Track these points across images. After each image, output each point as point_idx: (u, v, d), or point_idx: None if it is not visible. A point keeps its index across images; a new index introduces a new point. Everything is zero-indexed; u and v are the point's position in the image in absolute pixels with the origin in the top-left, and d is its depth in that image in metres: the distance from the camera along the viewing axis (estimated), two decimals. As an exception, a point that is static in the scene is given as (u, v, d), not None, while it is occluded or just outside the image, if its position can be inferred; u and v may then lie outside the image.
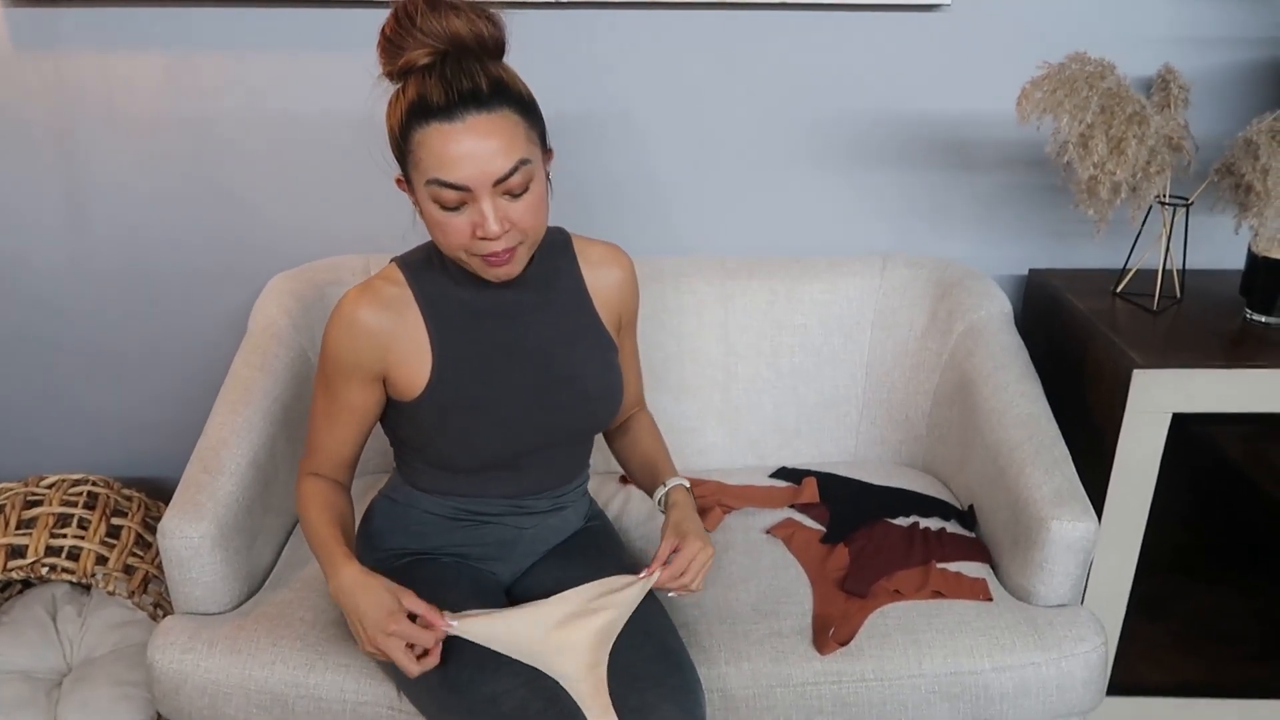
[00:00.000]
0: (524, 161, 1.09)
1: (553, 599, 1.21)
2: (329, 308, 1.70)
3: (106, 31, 1.71)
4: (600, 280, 1.32)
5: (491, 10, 1.10)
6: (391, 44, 1.10)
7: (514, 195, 1.10)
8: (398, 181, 1.17)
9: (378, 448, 1.46)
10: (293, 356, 1.63)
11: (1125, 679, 1.72)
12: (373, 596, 1.13)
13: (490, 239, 1.10)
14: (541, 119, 1.14)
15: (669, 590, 1.22)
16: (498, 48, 1.11)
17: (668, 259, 1.79)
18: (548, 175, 1.16)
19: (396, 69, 1.10)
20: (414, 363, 1.22)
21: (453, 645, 1.18)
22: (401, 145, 1.10)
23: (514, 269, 1.16)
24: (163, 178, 1.81)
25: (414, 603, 1.14)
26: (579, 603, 1.20)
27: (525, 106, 1.11)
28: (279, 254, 1.84)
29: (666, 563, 1.21)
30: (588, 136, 1.80)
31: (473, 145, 1.06)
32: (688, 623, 1.38)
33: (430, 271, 1.24)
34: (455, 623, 1.16)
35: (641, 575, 1.22)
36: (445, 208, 1.10)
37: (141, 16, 1.70)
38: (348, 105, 1.76)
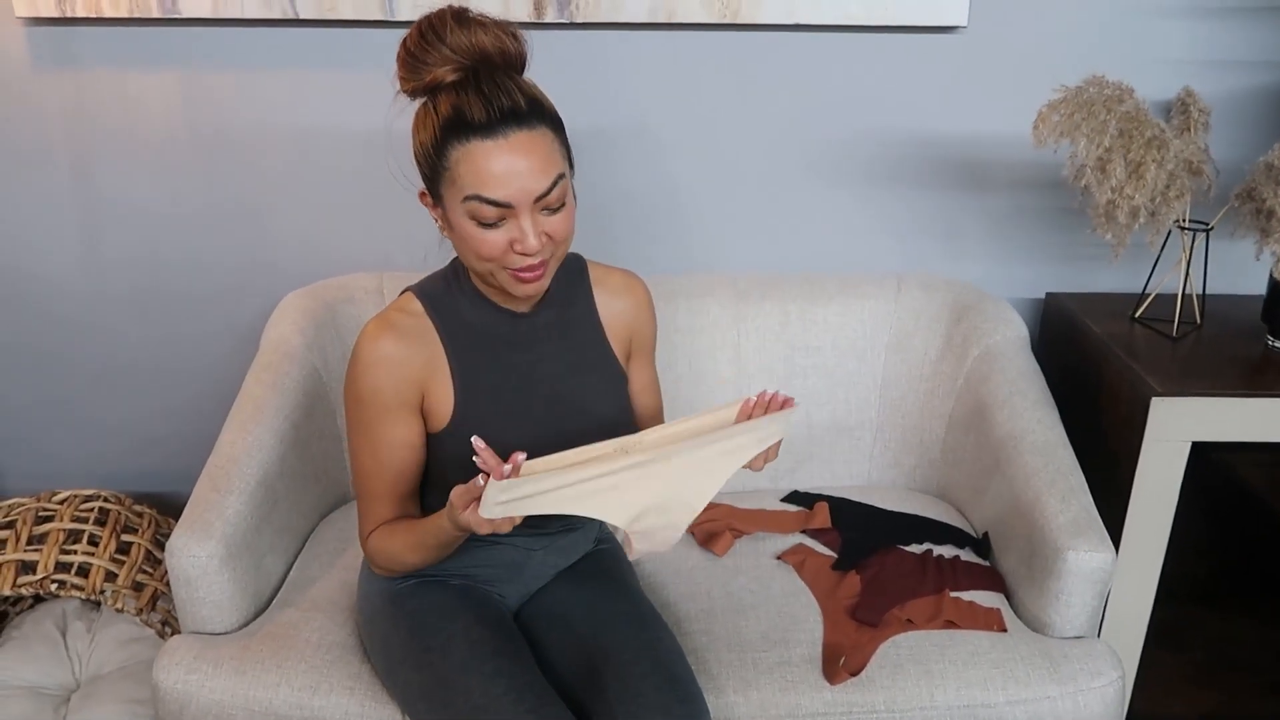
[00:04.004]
0: (561, 176, 1.10)
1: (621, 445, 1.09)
2: (341, 326, 1.70)
3: (122, 50, 1.72)
4: (613, 308, 1.31)
5: (515, 26, 1.10)
6: (414, 58, 1.08)
7: (552, 210, 1.11)
8: (421, 195, 1.16)
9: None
10: (304, 375, 1.63)
11: (1144, 711, 1.68)
12: (451, 513, 1.08)
13: (529, 254, 1.10)
14: (566, 132, 1.14)
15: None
16: (521, 64, 1.11)
17: (680, 278, 1.78)
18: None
19: (422, 85, 1.09)
20: (440, 392, 1.21)
21: (464, 674, 1.17)
22: (435, 161, 1.09)
23: (543, 285, 1.16)
24: (177, 195, 1.82)
25: (480, 458, 1.04)
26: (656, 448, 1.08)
27: (556, 123, 1.12)
28: (292, 272, 1.85)
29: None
30: (603, 155, 1.79)
31: (515, 162, 1.06)
32: (696, 650, 1.36)
33: (448, 299, 1.23)
34: (511, 468, 1.02)
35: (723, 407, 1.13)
36: (483, 224, 1.09)
37: (157, 35, 1.71)
38: (361, 124, 1.76)
